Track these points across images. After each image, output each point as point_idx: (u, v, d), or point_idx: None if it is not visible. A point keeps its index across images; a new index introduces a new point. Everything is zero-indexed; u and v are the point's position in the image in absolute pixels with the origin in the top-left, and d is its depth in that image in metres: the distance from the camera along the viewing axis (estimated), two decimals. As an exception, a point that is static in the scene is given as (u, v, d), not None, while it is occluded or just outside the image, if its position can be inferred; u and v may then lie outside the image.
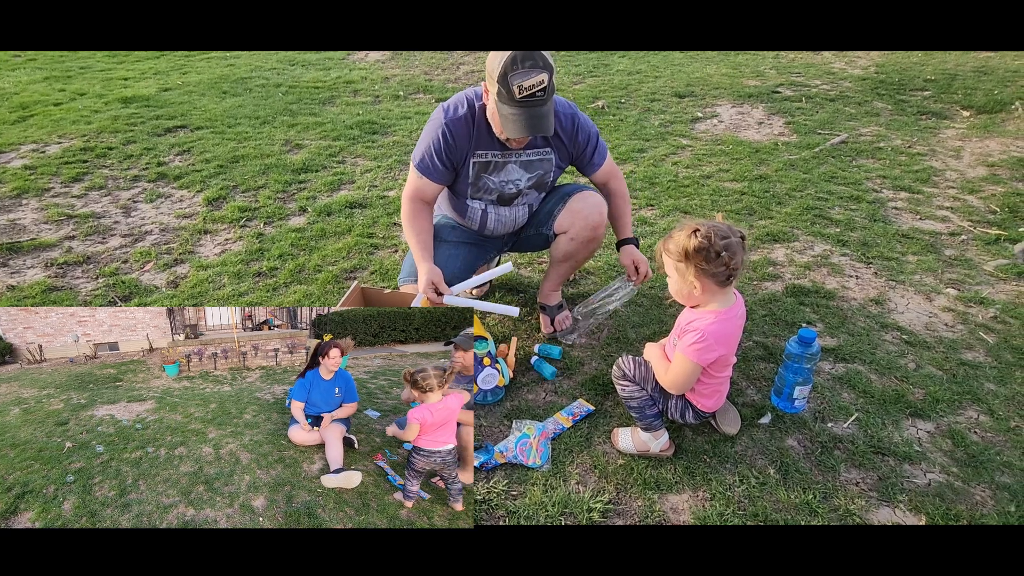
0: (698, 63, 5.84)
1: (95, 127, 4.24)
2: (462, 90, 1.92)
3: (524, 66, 1.61)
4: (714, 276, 1.45)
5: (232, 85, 5.23)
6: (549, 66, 1.65)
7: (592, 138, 1.97)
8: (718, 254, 1.42)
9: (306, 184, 3.46)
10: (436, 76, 5.57)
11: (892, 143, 3.92)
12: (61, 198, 3.32)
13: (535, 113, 1.67)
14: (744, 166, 3.61)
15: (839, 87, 5.06)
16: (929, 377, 1.99)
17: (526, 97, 1.63)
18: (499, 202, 2.01)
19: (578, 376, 2.02)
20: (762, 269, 2.60)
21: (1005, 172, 3.49)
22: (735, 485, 1.61)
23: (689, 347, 1.50)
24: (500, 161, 1.91)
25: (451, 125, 1.83)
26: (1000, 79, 5.07)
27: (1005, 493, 1.59)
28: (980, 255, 2.70)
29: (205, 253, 2.82)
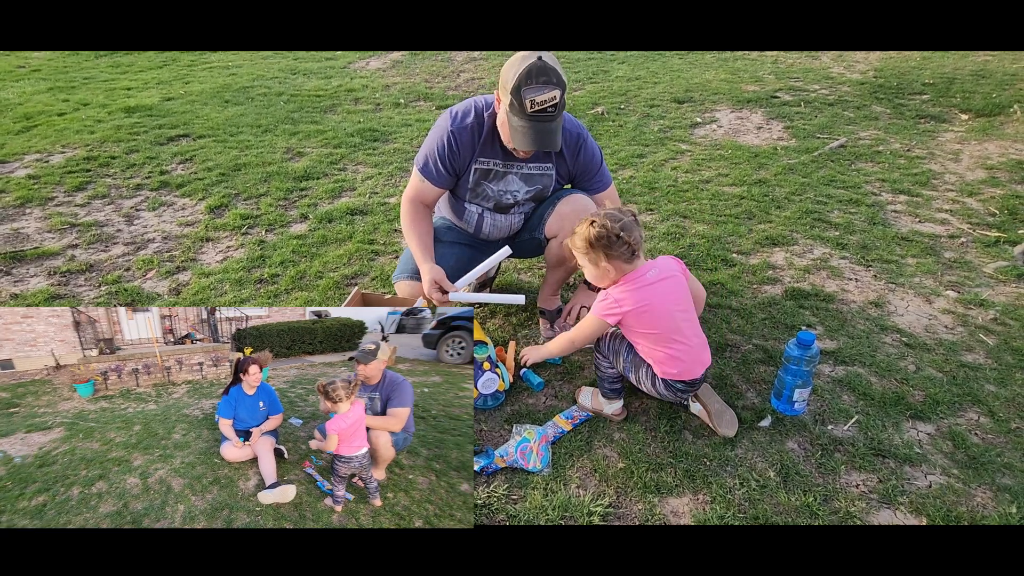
0: (697, 69, 5.87)
1: (98, 136, 4.27)
2: (470, 97, 1.94)
3: (538, 81, 1.64)
4: (620, 256, 1.62)
5: (234, 94, 5.27)
6: (562, 83, 1.67)
7: (595, 162, 1.97)
8: (618, 236, 1.59)
9: (307, 191, 3.49)
10: (436, 84, 5.61)
11: (891, 147, 3.93)
12: (64, 207, 3.34)
13: (544, 128, 1.70)
14: (743, 170, 3.62)
15: (837, 91, 5.08)
16: (929, 379, 1.99)
17: (537, 112, 1.66)
18: (495, 209, 2.02)
19: (578, 380, 2.03)
20: (761, 272, 2.60)
21: (1004, 175, 3.50)
22: (735, 488, 1.61)
23: (596, 305, 1.70)
24: (501, 171, 1.92)
25: (456, 132, 1.85)
26: (998, 82, 5.08)
27: (1006, 495, 1.58)
28: (980, 257, 2.71)
29: (207, 260, 2.84)
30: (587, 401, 1.89)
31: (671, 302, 1.67)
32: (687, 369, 1.70)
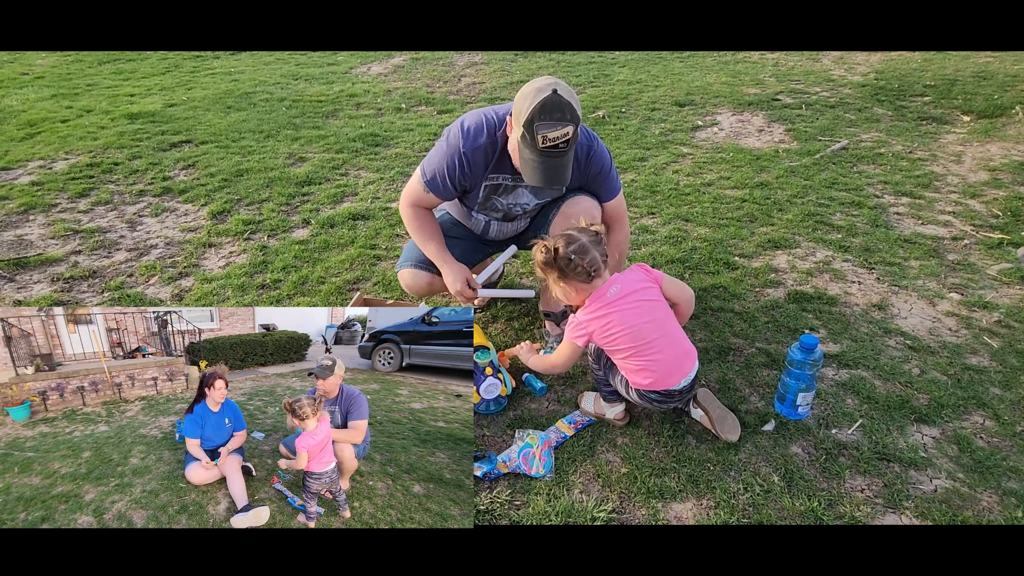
0: (697, 72, 5.88)
1: (101, 143, 4.29)
2: (470, 104, 1.92)
3: (552, 117, 1.59)
4: (576, 277, 1.62)
5: (236, 100, 5.29)
6: (576, 118, 1.62)
7: (605, 168, 1.92)
8: (569, 260, 1.59)
9: (309, 197, 3.49)
10: (438, 88, 5.62)
11: (893, 149, 3.93)
12: (67, 213, 3.36)
13: (554, 164, 1.66)
14: (745, 173, 3.62)
15: (839, 94, 5.08)
16: (933, 382, 1.98)
17: (549, 148, 1.62)
18: (504, 219, 2.03)
19: (580, 384, 2.02)
20: (764, 276, 2.60)
21: (1007, 176, 3.49)
22: (739, 493, 1.60)
23: (566, 331, 1.73)
24: (511, 185, 1.91)
25: (469, 153, 1.79)
26: (1000, 84, 5.07)
27: (1012, 499, 1.57)
28: (983, 259, 2.70)
29: (209, 266, 2.84)
30: (589, 406, 1.89)
31: (634, 316, 1.64)
32: (659, 380, 1.67)
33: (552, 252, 1.61)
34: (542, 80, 1.63)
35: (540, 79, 1.65)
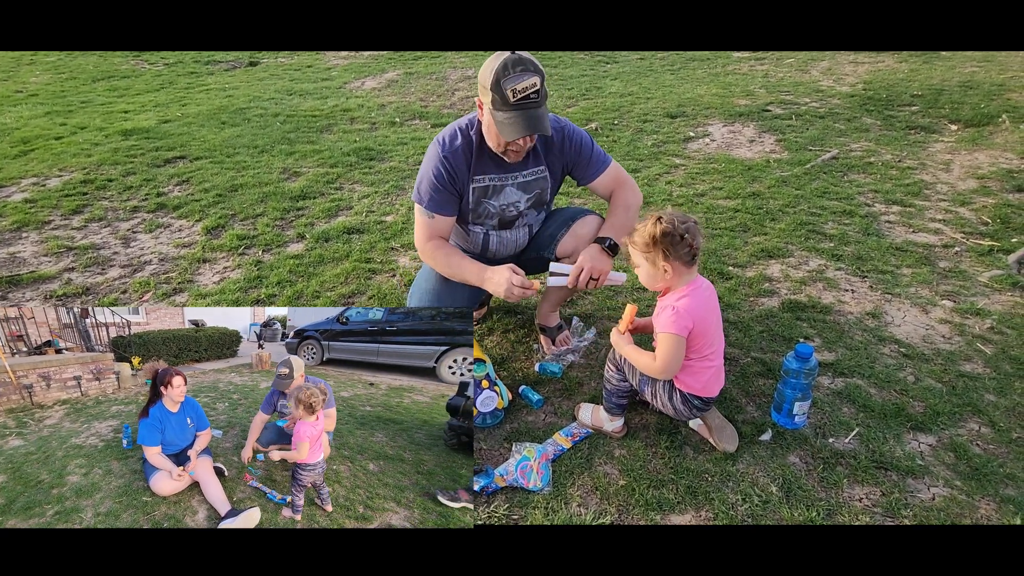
0: (688, 84, 5.95)
1: (95, 159, 4.29)
2: (454, 120, 1.94)
3: (516, 71, 1.65)
4: (680, 257, 1.59)
5: (231, 115, 5.31)
6: (540, 71, 1.69)
7: (585, 145, 1.95)
8: (682, 236, 1.56)
9: (304, 211, 3.50)
10: (432, 102, 5.66)
11: (882, 158, 3.97)
12: (61, 230, 3.35)
13: (531, 115, 1.69)
14: (737, 183, 3.65)
15: (828, 104, 5.15)
16: (928, 390, 1.99)
17: (521, 100, 1.66)
18: (500, 226, 2.03)
19: (577, 396, 2.02)
20: (758, 285, 2.61)
21: (995, 184, 3.53)
22: (738, 504, 1.60)
23: (666, 323, 1.60)
24: (498, 185, 1.93)
25: (449, 156, 1.85)
26: (986, 93, 5.15)
27: (1010, 506, 1.57)
28: (974, 266, 2.72)
29: (204, 282, 2.83)
30: (587, 418, 1.87)
31: (715, 315, 1.67)
32: (709, 385, 1.68)
33: (671, 224, 1.55)
34: (498, 52, 1.70)
35: (496, 52, 1.71)
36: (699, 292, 1.63)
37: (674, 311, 1.58)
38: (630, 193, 2.01)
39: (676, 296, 1.62)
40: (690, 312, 1.58)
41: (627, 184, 2.03)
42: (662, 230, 1.56)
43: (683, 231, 1.56)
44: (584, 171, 1.98)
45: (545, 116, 1.73)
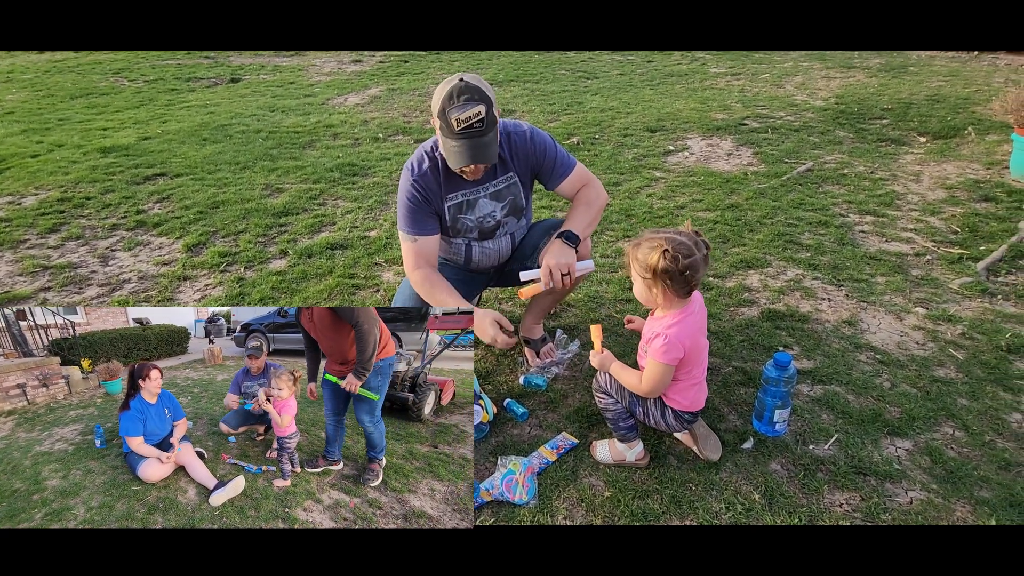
0: (667, 99, 6.07)
1: (73, 177, 4.23)
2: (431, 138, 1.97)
3: (460, 100, 1.69)
4: (676, 291, 1.56)
5: (212, 132, 5.29)
6: (486, 99, 1.71)
7: (549, 148, 1.98)
8: (682, 273, 1.51)
9: (287, 227, 3.48)
10: (415, 118, 5.70)
11: (855, 169, 4.08)
12: (36, 249, 3.29)
13: (474, 144, 1.72)
14: (716, 196, 3.72)
15: (802, 118, 5.28)
16: (904, 395, 2.03)
17: (464, 129, 1.70)
18: (481, 237, 2.05)
19: (562, 409, 2.03)
20: (738, 295, 2.65)
21: (963, 193, 3.65)
22: (721, 512, 1.61)
23: (657, 351, 1.58)
24: (471, 199, 1.96)
25: (419, 181, 1.90)
26: (952, 106, 5.33)
27: (985, 508, 1.61)
28: (945, 274, 2.80)
29: (184, 299, 2.80)
30: (606, 456, 1.78)
31: (702, 331, 1.66)
32: (696, 399, 1.69)
33: (674, 260, 1.49)
34: (449, 76, 1.74)
35: (449, 76, 1.75)
36: (691, 318, 1.60)
37: (666, 341, 1.56)
38: (593, 192, 2.03)
39: (667, 323, 1.59)
40: (681, 341, 1.57)
41: (592, 183, 2.05)
42: (663, 267, 1.51)
43: (685, 267, 1.50)
44: (550, 174, 2.01)
45: (491, 143, 1.76)
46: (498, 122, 1.82)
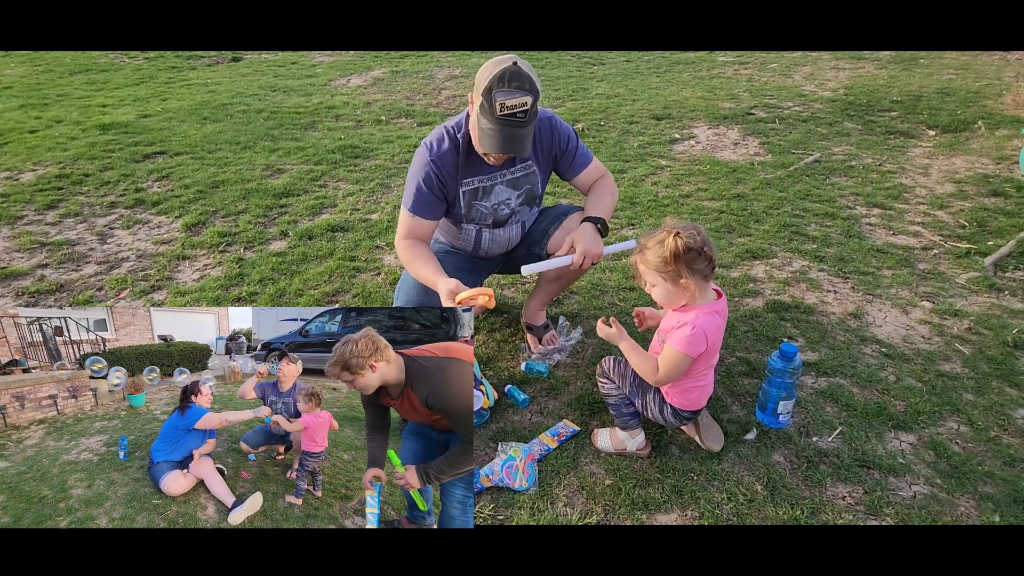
0: (674, 87, 5.99)
1: (71, 154, 4.18)
2: (440, 123, 1.92)
3: (510, 86, 1.63)
4: (701, 271, 1.51)
5: (213, 111, 5.22)
6: (535, 91, 1.66)
7: (571, 140, 1.96)
8: (701, 250, 1.49)
9: (287, 208, 3.44)
10: (418, 101, 5.63)
11: (863, 161, 4.04)
12: (34, 226, 3.25)
13: (512, 133, 1.68)
14: (722, 185, 3.68)
15: (810, 108, 5.22)
16: (909, 389, 2.01)
17: (506, 116, 1.64)
18: (494, 225, 2.01)
19: (563, 396, 2.01)
20: (743, 286, 2.63)
21: (972, 188, 3.60)
22: (723, 503, 1.60)
23: (680, 340, 1.52)
24: (488, 185, 1.91)
25: (437, 160, 1.82)
26: (963, 100, 5.27)
27: (988, 503, 1.60)
28: (952, 268, 2.77)
29: (183, 279, 2.77)
30: (607, 445, 1.75)
31: (722, 335, 1.62)
32: (697, 401, 1.67)
33: (691, 237, 1.46)
34: (504, 55, 1.67)
35: (502, 55, 1.68)
36: (717, 315, 1.56)
37: (692, 331, 1.51)
38: (610, 183, 2.04)
39: (695, 313, 1.54)
40: (707, 334, 1.52)
41: (607, 176, 2.06)
42: (684, 245, 1.46)
43: (702, 244, 1.48)
44: (570, 164, 1.99)
45: (527, 136, 1.71)
46: (538, 116, 1.77)
